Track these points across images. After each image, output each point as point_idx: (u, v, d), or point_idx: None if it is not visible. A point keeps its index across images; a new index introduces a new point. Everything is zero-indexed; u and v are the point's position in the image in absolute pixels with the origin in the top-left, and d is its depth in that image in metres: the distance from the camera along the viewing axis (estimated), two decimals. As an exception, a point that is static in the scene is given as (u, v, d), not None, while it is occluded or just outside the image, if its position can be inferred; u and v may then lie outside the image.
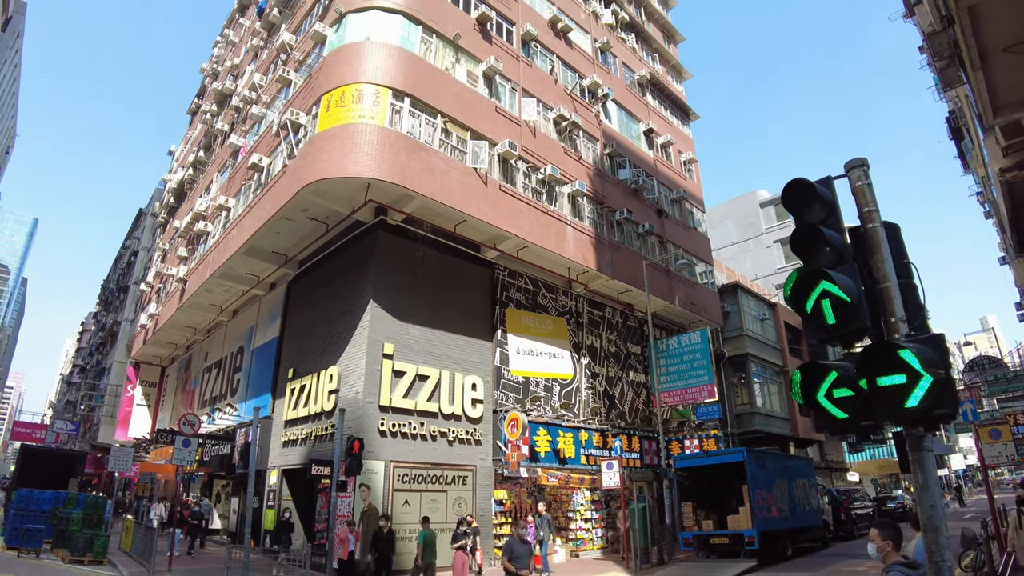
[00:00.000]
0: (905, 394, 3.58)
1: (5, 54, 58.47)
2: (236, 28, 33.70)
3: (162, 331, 29.99)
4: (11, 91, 70.42)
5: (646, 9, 32.82)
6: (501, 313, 19.28)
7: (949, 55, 9.74)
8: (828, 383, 4.15)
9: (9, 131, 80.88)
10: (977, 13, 7.86)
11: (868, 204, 4.36)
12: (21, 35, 64.88)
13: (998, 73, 8.85)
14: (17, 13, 60.94)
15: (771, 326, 32.38)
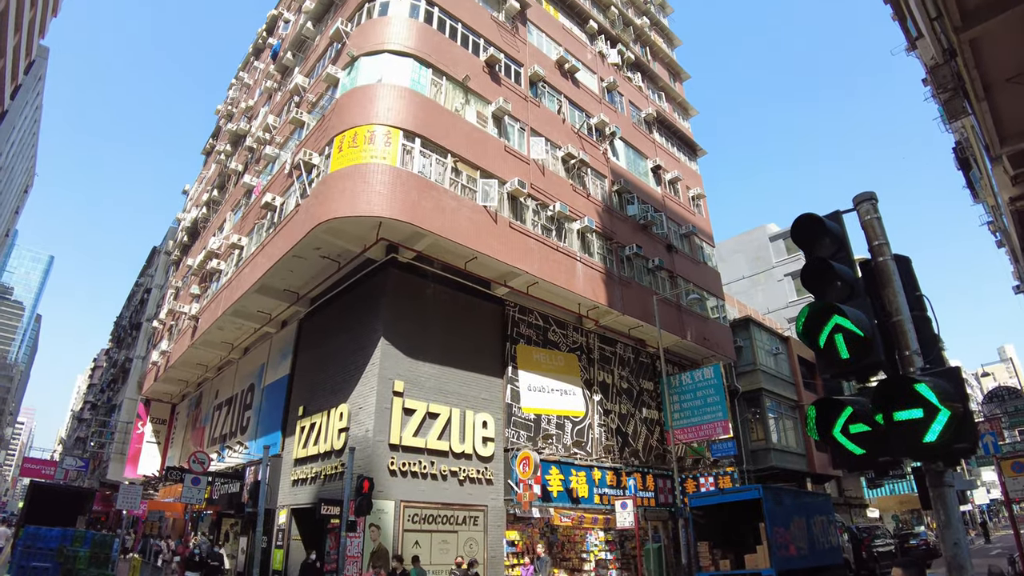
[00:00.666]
0: (923, 429, 3.53)
1: (27, 96, 60.24)
2: (251, 71, 34.65)
3: (173, 368, 30.09)
4: (31, 132, 72.33)
5: (651, 48, 33.47)
6: (512, 349, 19.23)
7: (953, 87, 9.83)
8: (844, 418, 4.11)
9: (29, 171, 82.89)
10: (979, 45, 7.96)
11: (878, 237, 4.38)
12: (43, 78, 66.93)
13: (1003, 103, 8.90)
14: (40, 58, 63.01)
15: (784, 360, 32.04)
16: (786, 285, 43.64)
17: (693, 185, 30.64)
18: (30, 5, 44.81)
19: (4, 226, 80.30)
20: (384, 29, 19.15)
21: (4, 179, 63.37)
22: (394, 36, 18.91)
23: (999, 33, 7.74)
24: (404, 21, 19.39)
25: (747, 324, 30.38)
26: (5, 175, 63.04)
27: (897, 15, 18.48)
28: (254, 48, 35.48)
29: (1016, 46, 7.97)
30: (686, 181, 29.92)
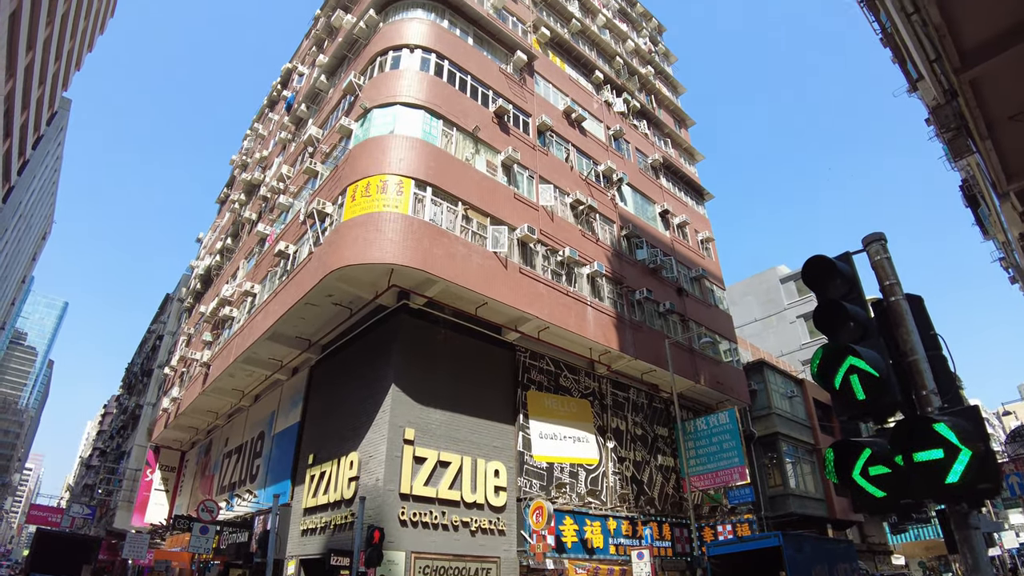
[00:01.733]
0: (944, 469, 3.48)
1: (48, 147, 62.14)
2: (265, 122, 35.62)
3: (184, 415, 30.02)
4: (51, 180, 74.24)
5: (656, 96, 34.20)
6: (523, 396, 19.08)
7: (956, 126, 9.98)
8: (863, 461, 4.05)
9: (47, 217, 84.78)
10: (979, 85, 8.11)
11: (889, 277, 4.40)
12: (64, 129, 69.12)
13: (1007, 140, 9.01)
14: (62, 109, 65.36)
15: (800, 403, 31.54)
16: (799, 327, 43.31)
17: (701, 229, 30.83)
18: (55, 59, 46.66)
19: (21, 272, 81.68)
20: (396, 82, 19.75)
21: (23, 227, 64.83)
22: (406, 89, 19.49)
23: (999, 72, 7.90)
24: (415, 74, 20.00)
25: (761, 367, 30.05)
26: (24, 223, 64.52)
27: (897, 58, 18.88)
28: (269, 100, 36.60)
29: (1016, 84, 8.12)
30: (694, 225, 30.11)
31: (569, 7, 30.45)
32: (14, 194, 54.14)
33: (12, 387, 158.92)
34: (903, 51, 17.38)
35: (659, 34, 40.66)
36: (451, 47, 21.68)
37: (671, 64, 39.35)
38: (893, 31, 17.70)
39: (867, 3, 18.34)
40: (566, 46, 28.36)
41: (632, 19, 37.71)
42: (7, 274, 68.34)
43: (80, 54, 56.92)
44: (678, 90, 37.52)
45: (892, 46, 19.15)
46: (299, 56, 35.68)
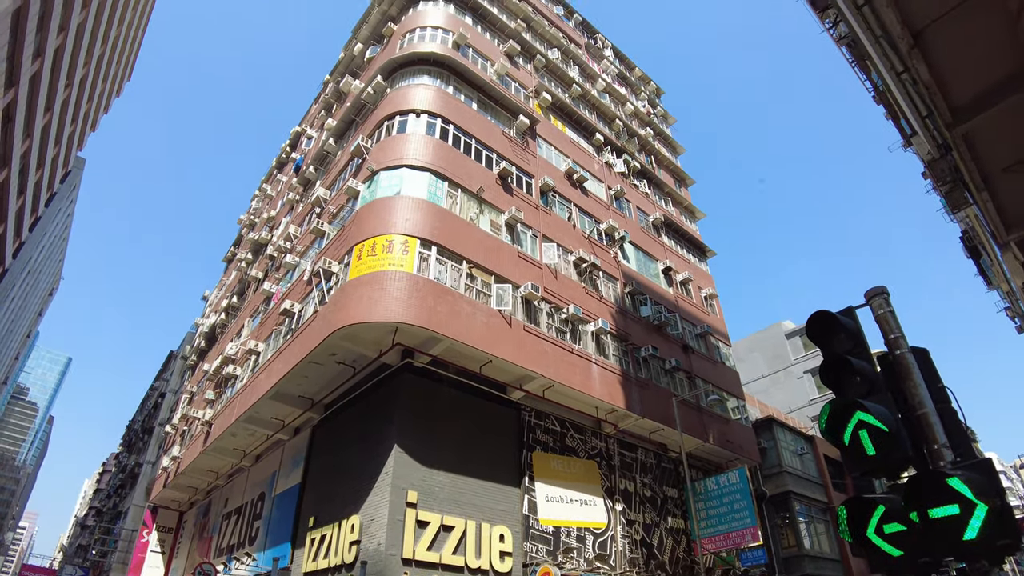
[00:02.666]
0: (961, 525, 3.40)
1: (60, 205, 63.40)
2: (274, 183, 36.40)
3: (184, 475, 29.49)
4: (62, 238, 75.36)
5: (656, 157, 34.97)
6: (528, 457, 18.74)
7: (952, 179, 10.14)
8: (877, 518, 3.96)
9: (55, 274, 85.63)
10: (972, 138, 8.28)
11: (893, 331, 4.41)
12: (77, 188, 70.66)
13: (1004, 191, 9.11)
14: (76, 168, 67.09)
15: (811, 461, 30.85)
16: (806, 382, 42.85)
17: (705, 285, 30.94)
18: (71, 120, 48.20)
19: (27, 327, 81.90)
20: (403, 145, 20.31)
21: (31, 282, 65.44)
22: (412, 152, 20.01)
23: (991, 126, 8.08)
24: (421, 138, 20.58)
25: (770, 424, 29.56)
26: (32, 278, 65.17)
27: (890, 114, 19.37)
28: (278, 162, 37.55)
29: (1009, 136, 8.28)
30: (697, 281, 30.25)
31: (570, 73, 31.55)
32: (24, 250, 54.95)
33: (11, 442, 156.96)
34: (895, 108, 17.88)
35: (657, 97, 41.95)
36: (456, 112, 22.39)
37: (670, 125, 40.42)
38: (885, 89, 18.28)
39: (858, 63, 19.01)
40: (567, 110, 29.25)
41: (631, 83, 39.00)
42: (13, 328, 68.56)
43: (96, 116, 58.88)
44: (677, 150, 38.40)
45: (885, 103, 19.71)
46: (308, 120, 36.83)
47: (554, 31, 33.20)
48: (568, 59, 33.38)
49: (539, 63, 29.54)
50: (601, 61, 37.10)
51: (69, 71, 40.60)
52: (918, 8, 7.40)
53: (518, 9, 31.08)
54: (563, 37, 34.09)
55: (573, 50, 33.90)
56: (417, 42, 24.68)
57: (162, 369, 55.83)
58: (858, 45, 17.72)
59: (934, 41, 7.62)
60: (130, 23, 54.20)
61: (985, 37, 7.42)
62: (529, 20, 31.62)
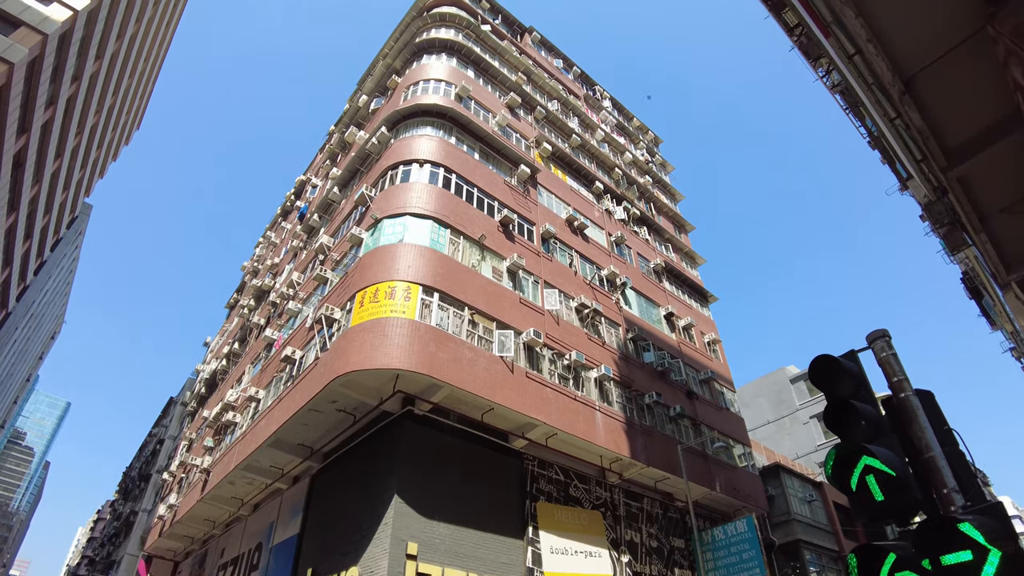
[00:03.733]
0: (975, 572, 3.31)
1: (65, 249, 64.04)
2: (278, 231, 36.80)
3: (180, 523, 28.85)
4: (66, 282, 75.79)
5: (655, 204, 35.40)
6: (532, 507, 18.35)
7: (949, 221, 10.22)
8: (888, 566, 3.85)
9: (58, 318, 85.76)
10: (967, 181, 8.39)
11: (896, 373, 4.38)
12: (83, 233, 71.45)
13: (1002, 232, 9.17)
14: (82, 214, 68.09)
15: (820, 508, 30.16)
16: (812, 428, 42.21)
17: (707, 331, 30.87)
18: (80, 167, 49.11)
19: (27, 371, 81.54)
20: (406, 194, 20.62)
21: (33, 326, 65.51)
22: (415, 200, 20.31)
23: (985, 168, 8.20)
24: (424, 187, 20.92)
25: (777, 471, 29.03)
26: (35, 322, 65.26)
27: (886, 159, 19.67)
28: (282, 210, 38.04)
29: (1004, 177, 8.39)
30: (700, 327, 30.19)
31: (569, 123, 32.26)
32: (28, 294, 55.19)
33: (5, 488, 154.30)
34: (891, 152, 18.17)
35: (656, 146, 42.75)
36: (458, 162, 22.81)
37: (668, 173, 41.06)
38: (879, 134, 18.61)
39: (852, 110, 19.40)
40: (567, 159, 29.79)
41: (629, 133, 39.81)
42: (13, 372, 68.29)
43: (105, 163, 60.10)
44: (676, 197, 38.90)
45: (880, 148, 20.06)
46: (313, 169, 37.50)
47: (554, 83, 34.10)
48: (568, 110, 34.18)
49: (539, 114, 30.24)
50: (600, 112, 37.97)
51: (80, 119, 41.63)
52: (907, 56, 7.62)
53: (518, 62, 31.99)
54: (563, 89, 34.99)
55: (572, 101, 34.75)
56: (421, 94, 25.34)
57: (161, 415, 55.38)
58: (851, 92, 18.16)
59: (925, 88, 7.83)
60: (141, 74, 55.81)
61: (974, 83, 7.63)
62: (529, 73, 32.51)
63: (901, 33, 7.41)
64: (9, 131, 29.93)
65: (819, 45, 14.53)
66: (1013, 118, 7.52)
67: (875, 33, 7.44)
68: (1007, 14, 6.07)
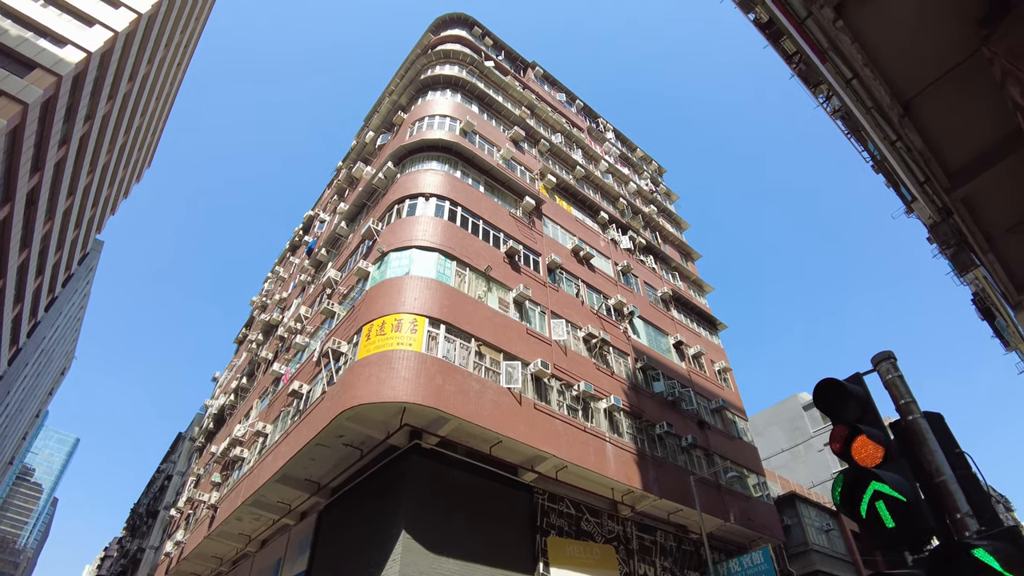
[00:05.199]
0: (991, 600, 3.21)
1: (77, 285, 64.72)
2: (286, 266, 37.08)
3: (187, 561, 28.44)
4: (76, 318, 76.39)
5: (661, 233, 35.49)
6: (543, 542, 18.00)
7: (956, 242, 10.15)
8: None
9: (68, 354, 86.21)
10: (972, 201, 8.36)
11: (903, 395, 4.31)
12: (94, 270, 72.30)
13: (1009, 251, 9.09)
14: (94, 250, 69.07)
15: (838, 537, 29.43)
16: (827, 455, 41.39)
17: (717, 359, 30.61)
18: (92, 204, 49.94)
19: (36, 407, 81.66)
20: (412, 227, 20.78)
21: (43, 361, 65.80)
22: (421, 233, 20.46)
23: (989, 188, 8.17)
24: (430, 220, 21.09)
25: (792, 500, 28.46)
26: (45, 358, 65.56)
27: (890, 182, 19.66)
28: (291, 245, 38.39)
29: (1008, 197, 8.35)
30: (710, 355, 29.94)
31: (573, 155, 32.60)
32: (39, 329, 55.60)
33: (13, 524, 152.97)
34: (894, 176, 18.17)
35: (660, 175, 43.05)
36: (464, 195, 23.03)
37: (673, 202, 41.25)
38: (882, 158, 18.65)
39: (854, 135, 19.48)
40: (571, 190, 30.01)
41: (633, 163, 40.15)
42: (23, 408, 68.40)
43: (116, 200, 61.14)
44: (682, 226, 39.00)
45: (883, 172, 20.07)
46: (321, 204, 37.92)
47: (557, 116, 34.56)
48: (571, 142, 34.57)
49: (543, 147, 30.59)
50: (603, 143, 38.37)
51: (92, 158, 42.49)
52: (905, 79, 7.69)
53: (522, 97, 32.50)
54: (566, 122, 35.44)
55: (576, 134, 35.16)
56: (426, 129, 25.73)
57: (170, 451, 55.17)
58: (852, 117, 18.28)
59: (923, 110, 7.88)
60: (153, 113, 57.06)
61: (973, 104, 7.66)
62: (533, 107, 33.00)
63: (897, 57, 7.49)
64: (23, 169, 30.57)
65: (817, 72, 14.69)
66: (1014, 137, 7.53)
67: (871, 58, 7.53)
68: (1001, 35, 6.13)
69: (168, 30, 46.21)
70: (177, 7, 45.71)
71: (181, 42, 53.67)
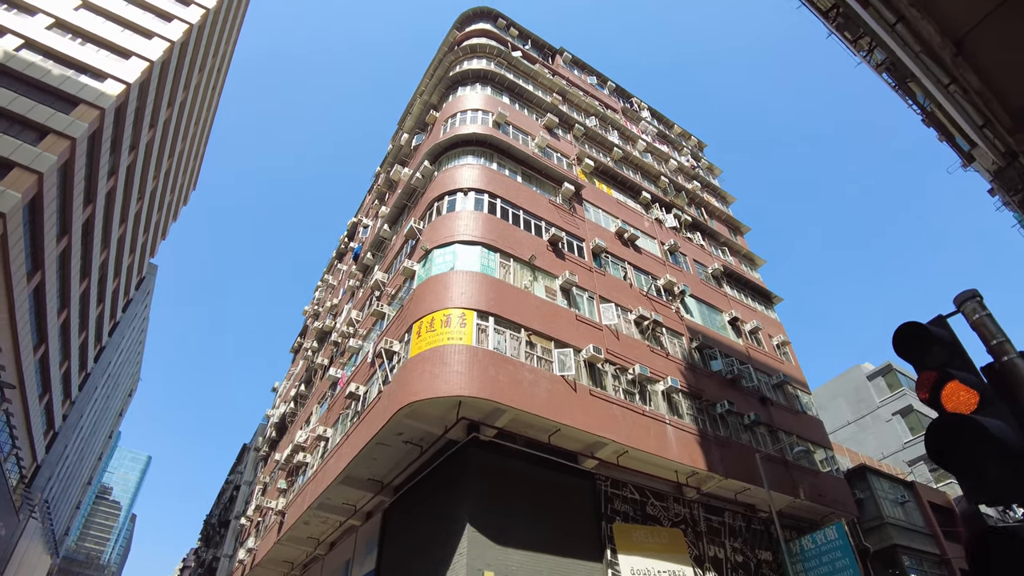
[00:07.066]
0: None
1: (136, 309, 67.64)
2: (334, 273, 37.75)
3: (260, 566, 29.30)
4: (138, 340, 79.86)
5: (707, 208, 34.63)
6: (608, 529, 17.78)
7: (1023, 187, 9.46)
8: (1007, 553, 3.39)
9: (134, 375, 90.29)
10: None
11: (995, 335, 3.94)
12: (151, 292, 75.45)
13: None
14: (149, 274, 72.18)
15: (915, 509, 28.20)
16: (896, 425, 39.76)
17: (775, 333, 29.72)
18: (143, 230, 52.04)
19: (108, 428, 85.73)
20: (453, 223, 20.79)
21: (111, 384, 68.96)
22: (463, 228, 20.44)
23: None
24: (471, 214, 21.05)
25: (863, 473, 27.44)
26: (112, 381, 68.69)
27: (943, 135, 18.58)
28: (337, 253, 39.08)
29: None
30: (767, 330, 29.09)
31: (609, 137, 32.09)
32: (104, 354, 58.32)
33: (96, 542, 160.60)
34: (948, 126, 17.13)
35: (700, 150, 42.06)
36: (502, 186, 22.91)
37: (716, 177, 40.23)
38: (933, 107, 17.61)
39: (902, 87, 18.47)
40: (610, 173, 29.54)
41: (671, 140, 39.31)
42: (96, 429, 71.80)
43: (166, 224, 63.59)
44: (727, 200, 38.00)
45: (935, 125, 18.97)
46: (363, 210, 38.43)
47: (589, 100, 34.10)
48: (606, 125, 34.05)
49: (578, 132, 30.20)
50: (639, 123, 37.67)
51: (140, 185, 44.22)
52: (954, 16, 7.18)
53: (552, 84, 32.16)
54: (599, 104, 34.92)
55: (610, 115, 34.61)
56: (459, 125, 25.71)
57: (236, 462, 57.07)
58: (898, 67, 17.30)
59: (978, 47, 7.33)
60: (193, 136, 58.97)
61: (1032, 34, 7.06)
62: (564, 93, 32.62)
63: (944, -9, 6.99)
64: (76, 202, 31.95)
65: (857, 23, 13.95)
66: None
67: (916, -5, 7.04)
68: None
69: (200, 55, 47.61)
70: (207, 33, 47.04)
71: (214, 65, 55.24)
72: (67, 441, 53.80)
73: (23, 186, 26.71)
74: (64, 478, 60.15)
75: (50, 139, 28.92)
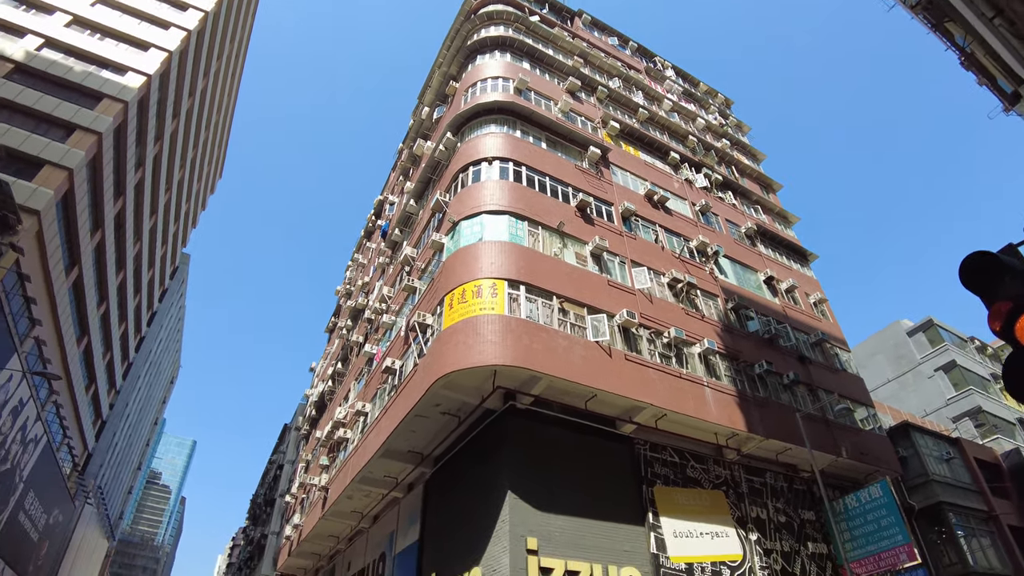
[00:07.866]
0: None
1: (172, 298, 69.35)
2: (364, 251, 37.93)
3: (306, 542, 30.13)
4: (176, 328, 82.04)
5: (737, 166, 33.78)
6: (649, 492, 17.74)
7: None
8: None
9: (174, 363, 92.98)
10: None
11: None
12: (185, 281, 77.30)
13: None
14: (182, 264, 73.86)
15: (960, 466, 27.63)
16: (939, 381, 38.85)
17: (812, 291, 29.07)
18: (174, 220, 52.92)
19: (153, 415, 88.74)
20: (479, 193, 20.57)
21: (153, 372, 71.12)
22: (489, 198, 20.23)
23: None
24: (496, 183, 20.80)
25: (906, 431, 26.92)
26: (154, 369, 70.81)
27: (983, 77, 17.66)
28: (365, 231, 39.22)
29: None
30: (803, 288, 28.46)
31: (634, 99, 31.34)
32: (145, 343, 60.01)
33: (149, 525, 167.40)
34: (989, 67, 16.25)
35: (727, 107, 40.91)
36: (526, 153, 22.56)
37: (745, 134, 39.16)
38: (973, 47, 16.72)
39: (939, 28, 17.55)
40: (637, 134, 28.89)
41: (698, 98, 38.27)
42: (142, 417, 74.32)
43: (196, 214, 64.59)
44: (758, 157, 37.01)
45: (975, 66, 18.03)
46: (388, 187, 38.39)
47: (612, 61, 33.28)
48: (630, 86, 33.25)
49: (601, 94, 29.54)
50: (663, 82, 36.72)
51: (168, 176, 44.79)
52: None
53: (572, 47, 31.43)
54: (621, 65, 34.07)
55: (634, 76, 33.77)
56: (480, 94, 25.31)
57: (278, 442, 58.52)
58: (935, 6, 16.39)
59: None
60: (216, 124, 59.41)
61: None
62: (585, 55, 31.87)
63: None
64: (107, 195, 32.45)
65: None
66: None
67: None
68: None
69: (217, 42, 47.64)
70: (223, 20, 46.98)
71: (232, 52, 55.29)
72: (115, 429, 55.73)
73: (55, 183, 27.18)
74: (115, 465, 62.47)
75: (77, 135, 29.31)
